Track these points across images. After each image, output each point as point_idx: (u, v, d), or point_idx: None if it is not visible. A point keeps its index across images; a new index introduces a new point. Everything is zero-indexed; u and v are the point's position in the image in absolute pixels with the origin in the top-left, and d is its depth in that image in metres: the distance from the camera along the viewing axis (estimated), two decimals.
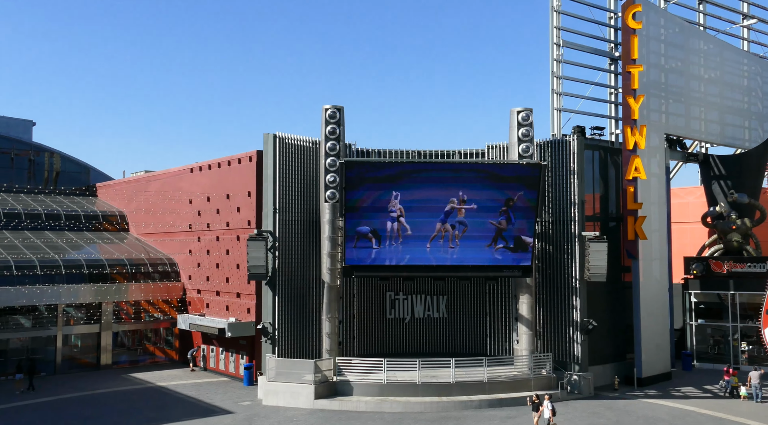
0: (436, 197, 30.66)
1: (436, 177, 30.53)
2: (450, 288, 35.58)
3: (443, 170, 30.69)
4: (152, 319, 41.58)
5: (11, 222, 43.22)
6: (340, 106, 32.04)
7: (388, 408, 28.50)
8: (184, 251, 41.38)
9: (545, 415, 24.80)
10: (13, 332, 37.15)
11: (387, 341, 35.35)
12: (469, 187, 30.57)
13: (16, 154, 53.66)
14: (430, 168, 30.74)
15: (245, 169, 35.67)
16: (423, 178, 30.47)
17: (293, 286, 32.80)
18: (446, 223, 30.97)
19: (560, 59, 34.76)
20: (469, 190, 30.59)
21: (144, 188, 45.98)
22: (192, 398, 31.19)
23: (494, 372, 30.57)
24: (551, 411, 24.71)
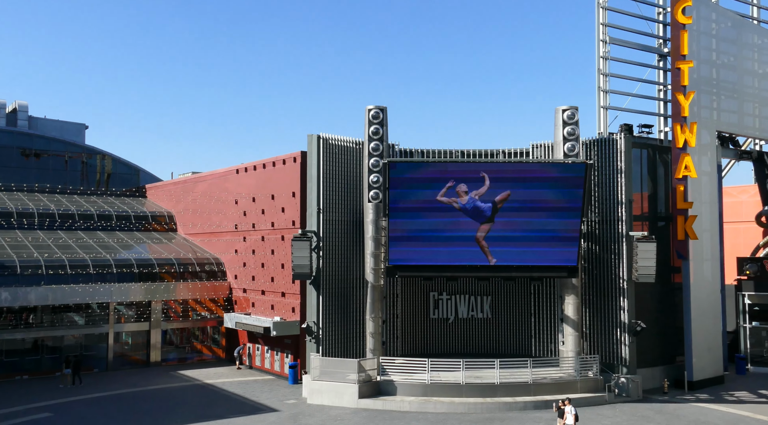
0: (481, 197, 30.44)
1: (479, 177, 30.32)
2: (494, 289, 35.31)
3: (487, 170, 30.46)
4: (199, 318, 42.37)
5: (65, 223, 44.61)
6: (383, 106, 32.13)
7: (431, 409, 28.44)
8: (230, 251, 42.06)
9: (568, 421, 24.10)
10: (67, 329, 38.38)
11: (430, 341, 35.28)
12: (513, 186, 30.30)
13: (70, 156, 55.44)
14: (474, 168, 30.56)
15: (290, 170, 36.06)
16: (467, 178, 30.31)
17: (337, 286, 33.02)
18: (490, 223, 30.74)
19: (607, 56, 34.16)
20: (513, 189, 30.32)
21: (191, 189, 46.90)
22: (238, 395, 31.67)
23: (539, 373, 30.22)
24: (574, 416, 24.00)
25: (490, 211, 30.57)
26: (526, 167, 30.49)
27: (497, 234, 30.76)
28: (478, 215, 30.66)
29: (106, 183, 56.66)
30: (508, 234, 30.77)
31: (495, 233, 30.77)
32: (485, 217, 30.62)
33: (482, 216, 30.62)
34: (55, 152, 55.03)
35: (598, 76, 34.03)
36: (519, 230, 30.70)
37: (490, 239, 30.83)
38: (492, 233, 30.77)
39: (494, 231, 30.76)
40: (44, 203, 46.16)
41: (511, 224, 30.67)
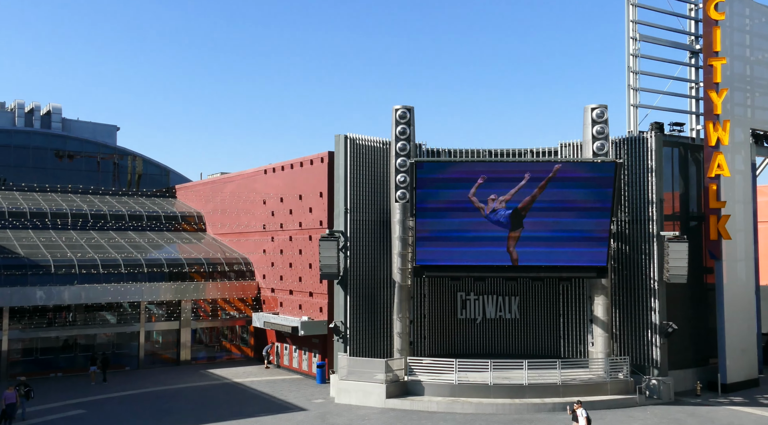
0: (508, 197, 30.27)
1: (507, 177, 30.15)
2: (522, 289, 35.06)
3: (515, 170, 30.27)
4: (228, 317, 42.78)
5: (98, 223, 45.38)
6: (410, 106, 32.11)
7: (459, 409, 28.34)
8: (258, 251, 42.40)
9: (581, 424, 23.68)
10: (99, 327, 39.06)
11: (458, 341, 35.17)
12: (541, 186, 30.04)
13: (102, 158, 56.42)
14: (502, 167, 30.39)
15: (317, 170, 36.23)
16: (494, 177, 30.15)
17: (364, 285, 33.08)
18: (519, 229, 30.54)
19: (637, 54, 33.72)
20: (541, 189, 30.07)
21: (220, 190, 47.39)
22: (267, 394, 31.91)
23: (568, 374, 29.93)
24: (586, 419, 23.58)
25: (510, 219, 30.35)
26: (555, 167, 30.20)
27: (526, 234, 30.54)
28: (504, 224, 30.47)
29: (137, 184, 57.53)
30: (537, 234, 30.54)
31: (524, 233, 30.55)
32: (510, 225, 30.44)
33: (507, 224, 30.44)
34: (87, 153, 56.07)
35: (627, 74, 33.61)
36: (548, 230, 30.45)
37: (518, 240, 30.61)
38: (522, 233, 30.54)
39: (524, 231, 30.53)
40: (77, 203, 47.02)
41: (540, 225, 30.43)
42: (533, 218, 30.39)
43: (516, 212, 30.41)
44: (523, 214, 30.39)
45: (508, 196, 30.29)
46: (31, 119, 56.62)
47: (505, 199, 30.34)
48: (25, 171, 52.65)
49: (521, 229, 30.52)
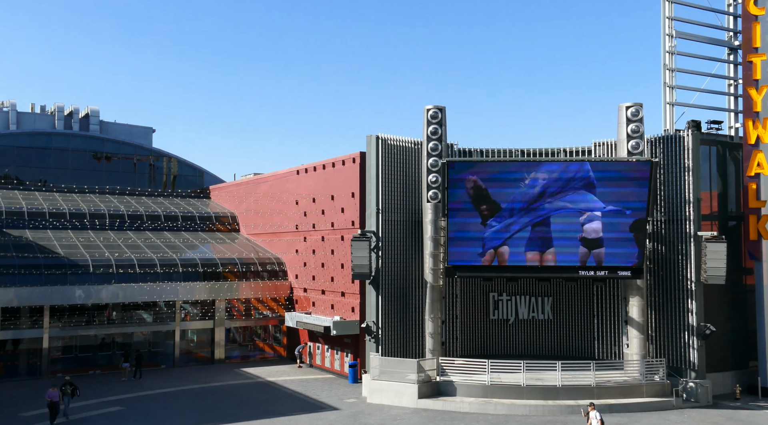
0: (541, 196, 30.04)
1: (540, 176, 29.91)
2: (555, 289, 34.73)
3: (548, 169, 30.02)
4: (261, 316, 43.19)
5: (134, 223, 46.23)
6: (441, 106, 32.06)
7: (492, 410, 28.20)
8: (291, 251, 42.72)
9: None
10: (136, 326, 39.79)
11: (490, 342, 34.99)
12: (575, 185, 29.75)
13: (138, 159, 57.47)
14: (534, 167, 30.16)
15: (349, 170, 36.38)
16: (527, 177, 29.94)
17: (396, 286, 33.12)
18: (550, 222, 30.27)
19: (673, 51, 33.18)
20: (575, 189, 29.77)
21: (253, 190, 47.88)
22: (300, 393, 32.15)
23: (603, 376, 29.56)
24: (600, 422, 23.16)
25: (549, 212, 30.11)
26: (589, 166, 29.87)
27: (560, 234, 30.27)
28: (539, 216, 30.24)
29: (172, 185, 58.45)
30: (571, 235, 30.24)
31: (557, 233, 30.29)
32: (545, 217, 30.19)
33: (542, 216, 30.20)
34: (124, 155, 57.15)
35: (663, 71, 33.09)
36: (581, 230, 30.11)
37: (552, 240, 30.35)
38: (554, 233, 30.30)
39: (557, 231, 30.28)
40: (114, 204, 47.95)
41: (574, 225, 30.12)
42: (567, 218, 30.11)
43: (549, 212, 30.13)
44: (558, 213, 30.10)
45: (542, 195, 30.05)
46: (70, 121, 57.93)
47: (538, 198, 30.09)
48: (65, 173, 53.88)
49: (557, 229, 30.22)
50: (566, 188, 29.83)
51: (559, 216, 30.15)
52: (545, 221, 30.29)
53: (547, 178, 29.91)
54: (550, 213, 30.19)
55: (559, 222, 30.19)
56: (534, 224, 30.37)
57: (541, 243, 30.50)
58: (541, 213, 30.23)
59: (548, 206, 30.13)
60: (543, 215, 30.24)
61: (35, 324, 36.53)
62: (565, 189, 29.84)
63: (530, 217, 30.31)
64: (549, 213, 30.19)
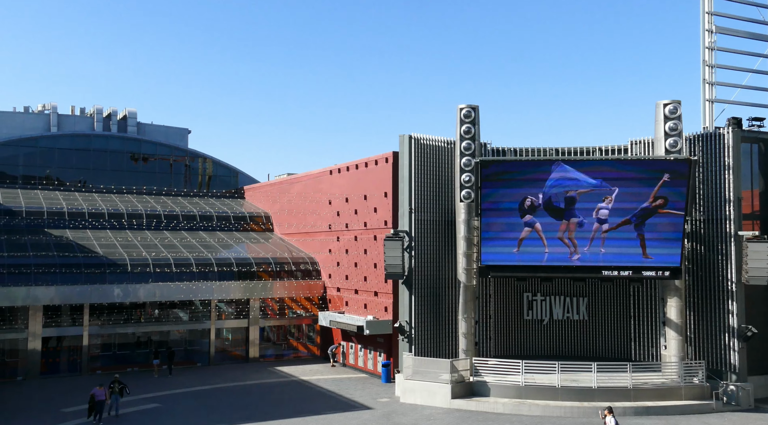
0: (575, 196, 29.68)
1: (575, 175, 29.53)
2: (591, 290, 34.27)
3: (583, 168, 29.62)
4: (295, 315, 43.49)
5: (171, 223, 46.96)
6: (474, 105, 31.87)
7: (526, 411, 27.95)
8: (324, 251, 42.93)
9: None
10: (172, 324, 40.42)
11: (524, 342, 34.68)
12: (611, 185, 29.32)
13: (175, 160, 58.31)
14: (569, 166, 29.78)
15: (382, 170, 36.40)
16: (562, 176, 29.60)
17: (429, 285, 33.04)
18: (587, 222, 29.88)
19: (713, 47, 32.45)
20: (611, 188, 29.35)
21: (287, 190, 48.23)
22: (333, 392, 32.28)
23: (640, 378, 29.06)
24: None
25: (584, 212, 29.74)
26: (625, 164, 29.43)
27: (596, 234, 29.86)
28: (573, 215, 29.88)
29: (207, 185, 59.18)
30: (607, 234, 29.81)
31: (593, 233, 29.88)
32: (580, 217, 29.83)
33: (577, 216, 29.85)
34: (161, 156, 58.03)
35: (703, 67, 32.40)
36: (619, 230, 29.66)
37: (587, 240, 29.97)
38: (590, 233, 29.89)
39: (592, 231, 29.88)
40: (151, 204, 48.77)
41: (611, 224, 29.68)
42: (604, 218, 29.69)
43: (585, 212, 29.76)
44: (593, 213, 29.73)
45: (577, 195, 29.69)
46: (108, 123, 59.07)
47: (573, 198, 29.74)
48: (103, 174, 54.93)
49: (591, 229, 29.86)
50: (602, 187, 29.40)
51: (594, 215, 29.73)
52: (580, 220, 29.90)
53: (582, 177, 29.50)
54: (585, 212, 29.79)
55: (595, 221, 29.77)
56: (569, 223, 30.01)
57: (575, 243, 30.11)
58: (576, 212, 29.85)
59: (583, 206, 29.73)
60: (578, 214, 29.86)
61: (75, 322, 37.37)
62: (601, 188, 29.41)
63: (565, 216, 29.95)
64: (584, 212, 29.79)
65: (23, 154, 53.01)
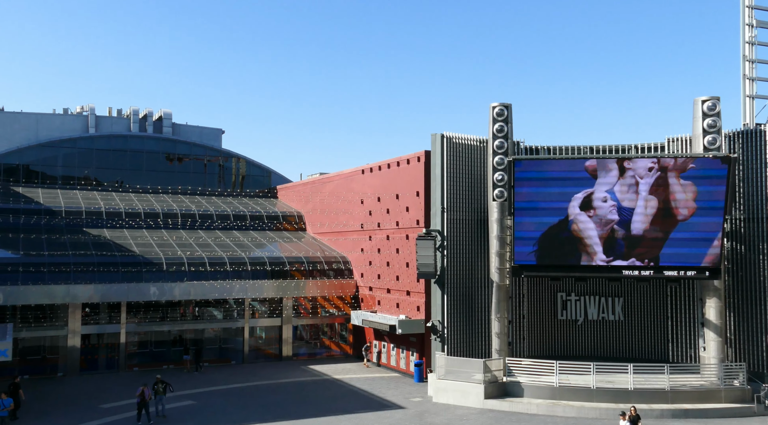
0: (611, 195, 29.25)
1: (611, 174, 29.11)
2: (626, 290, 33.75)
3: (619, 167, 29.17)
4: (328, 314, 43.66)
5: (205, 222, 47.54)
6: (507, 103, 31.63)
7: (560, 413, 27.64)
8: (356, 250, 43.02)
9: None
10: (207, 323, 40.92)
11: (558, 343, 34.31)
12: (648, 183, 28.83)
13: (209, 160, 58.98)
14: (604, 164, 29.36)
15: (413, 169, 36.34)
16: (596, 175, 29.19)
17: (462, 285, 32.89)
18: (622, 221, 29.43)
19: (753, 41, 31.70)
20: (648, 186, 28.85)
21: (319, 190, 48.45)
22: (365, 391, 32.33)
23: (677, 380, 28.53)
24: None
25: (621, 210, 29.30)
26: (662, 162, 28.90)
27: (632, 234, 29.40)
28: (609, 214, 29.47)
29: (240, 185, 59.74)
30: (644, 234, 29.32)
31: (628, 232, 29.42)
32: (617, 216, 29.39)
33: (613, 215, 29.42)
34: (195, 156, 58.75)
35: (743, 62, 31.67)
36: (656, 229, 29.16)
37: (622, 239, 29.50)
38: (624, 232, 29.44)
39: (627, 230, 29.42)
40: (186, 204, 49.42)
41: (647, 224, 29.18)
42: (639, 217, 29.21)
43: (621, 211, 29.32)
44: (628, 212, 29.27)
45: (612, 194, 29.27)
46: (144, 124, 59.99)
47: (608, 197, 29.33)
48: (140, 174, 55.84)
49: (626, 228, 29.42)
50: (637, 186, 28.94)
51: (629, 214, 29.27)
52: (614, 219, 29.46)
53: (618, 176, 29.08)
54: (620, 211, 29.34)
55: (632, 221, 29.29)
56: (603, 222, 29.60)
57: (611, 242, 29.68)
58: (611, 211, 29.42)
59: (618, 205, 29.29)
60: (613, 213, 29.42)
61: (113, 320, 38.07)
62: (636, 187, 28.95)
63: (600, 215, 29.54)
64: (619, 211, 29.34)
65: (63, 155, 54.17)
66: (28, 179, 51.63)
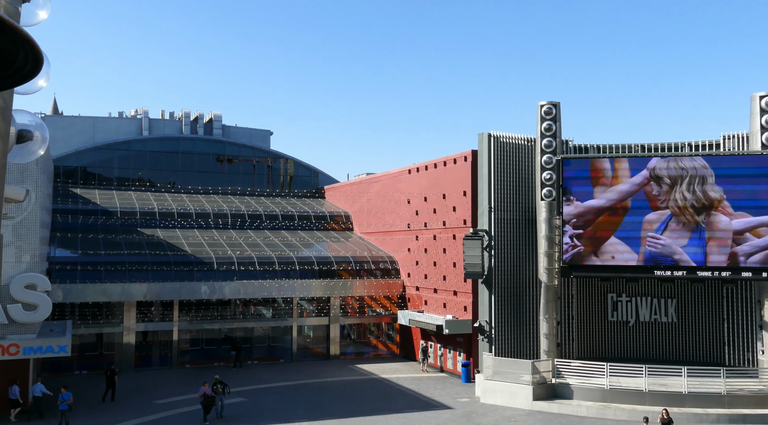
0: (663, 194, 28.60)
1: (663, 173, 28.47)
2: (680, 291, 32.91)
3: (671, 165, 28.51)
4: (375, 314, 43.84)
5: (254, 222, 48.29)
6: (555, 101, 31.23)
7: (611, 415, 27.16)
8: (403, 250, 43.08)
9: None
10: (256, 321, 41.57)
11: (608, 344, 33.69)
12: (701, 182, 28.09)
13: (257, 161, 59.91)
14: (656, 163, 28.73)
15: (460, 169, 36.20)
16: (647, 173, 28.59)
17: (509, 285, 32.61)
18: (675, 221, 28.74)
19: None
20: (702, 185, 28.11)
21: (366, 190, 48.67)
22: (412, 391, 32.37)
23: (734, 384, 27.70)
24: None
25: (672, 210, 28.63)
26: (717, 161, 28.13)
27: (683, 233, 28.68)
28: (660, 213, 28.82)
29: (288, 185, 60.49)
30: (698, 234, 28.57)
31: (682, 233, 28.72)
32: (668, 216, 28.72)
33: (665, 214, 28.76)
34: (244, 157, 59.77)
35: None
36: (711, 229, 28.38)
37: (675, 239, 28.80)
38: (677, 232, 28.74)
39: (679, 230, 28.71)
40: (236, 204, 50.30)
41: (702, 223, 28.44)
42: (691, 217, 28.46)
43: (673, 210, 28.66)
44: (681, 212, 28.57)
45: (664, 193, 28.63)
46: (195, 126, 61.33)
47: (661, 196, 28.70)
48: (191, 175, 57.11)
49: (680, 228, 28.72)
50: (691, 184, 28.23)
51: (682, 214, 28.56)
52: (667, 219, 28.79)
53: (671, 175, 28.41)
54: (673, 211, 28.66)
55: (682, 221, 28.59)
56: (655, 222, 28.95)
57: (663, 242, 29.01)
58: (663, 211, 28.76)
59: (671, 204, 28.62)
60: (665, 213, 28.76)
61: (165, 318, 39.04)
62: (690, 186, 28.23)
63: (651, 215, 28.92)
64: (671, 211, 28.67)
65: (118, 157, 55.80)
66: (85, 181, 53.34)
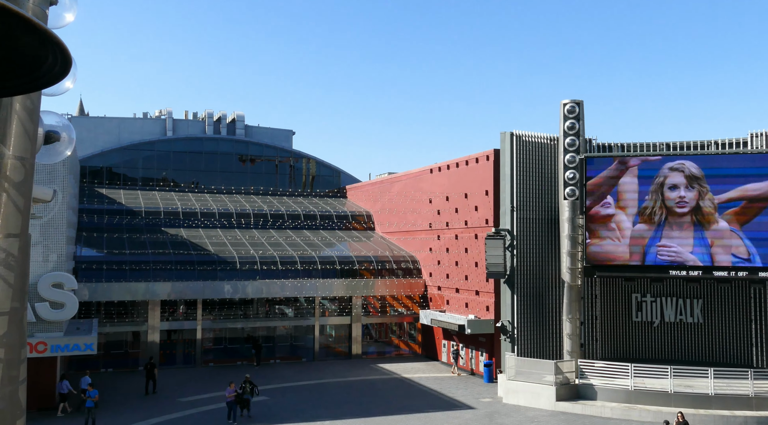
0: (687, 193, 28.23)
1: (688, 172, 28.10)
2: (706, 291, 32.45)
3: (697, 164, 28.12)
4: (396, 313, 43.83)
5: (276, 222, 48.55)
6: (579, 100, 30.96)
7: (636, 417, 26.87)
8: (424, 249, 43.01)
9: None
10: (279, 320, 41.78)
11: (632, 345, 33.34)
12: (728, 180, 27.67)
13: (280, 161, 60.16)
14: (681, 162, 28.36)
15: (482, 168, 36.04)
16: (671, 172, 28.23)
17: (532, 285, 32.42)
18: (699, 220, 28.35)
19: None
20: (728, 184, 27.69)
21: (388, 189, 48.68)
22: (435, 391, 32.31)
23: (762, 386, 27.24)
24: None
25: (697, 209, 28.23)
26: (744, 159, 27.69)
27: (712, 233, 28.28)
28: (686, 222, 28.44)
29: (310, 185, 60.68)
30: (723, 233, 28.15)
31: (707, 233, 28.32)
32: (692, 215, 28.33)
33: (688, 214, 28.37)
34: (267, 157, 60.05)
35: None
36: (737, 229, 27.95)
37: (700, 239, 28.41)
38: (702, 232, 28.34)
39: (709, 230, 28.32)
40: (258, 204, 50.61)
41: (727, 223, 28.02)
42: (718, 216, 28.07)
43: (698, 210, 28.27)
44: (706, 212, 28.18)
45: (690, 192, 28.26)
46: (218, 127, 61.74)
47: (686, 196, 28.34)
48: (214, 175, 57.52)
49: (704, 228, 28.33)
50: (717, 184, 27.82)
51: (709, 214, 28.15)
52: (693, 218, 28.41)
53: (696, 174, 28.03)
54: (699, 210, 28.27)
55: (709, 220, 28.19)
56: (681, 221, 28.59)
57: (688, 241, 28.63)
58: (688, 210, 28.39)
59: (697, 204, 28.23)
60: (690, 211, 28.38)
61: (189, 317, 39.40)
62: (716, 185, 27.83)
63: (677, 214, 28.56)
64: (698, 211, 28.28)
65: (142, 157, 56.38)
66: (110, 181, 54.00)
